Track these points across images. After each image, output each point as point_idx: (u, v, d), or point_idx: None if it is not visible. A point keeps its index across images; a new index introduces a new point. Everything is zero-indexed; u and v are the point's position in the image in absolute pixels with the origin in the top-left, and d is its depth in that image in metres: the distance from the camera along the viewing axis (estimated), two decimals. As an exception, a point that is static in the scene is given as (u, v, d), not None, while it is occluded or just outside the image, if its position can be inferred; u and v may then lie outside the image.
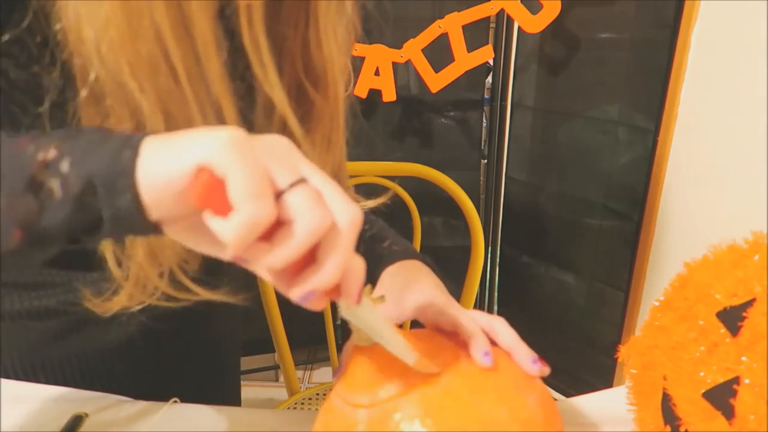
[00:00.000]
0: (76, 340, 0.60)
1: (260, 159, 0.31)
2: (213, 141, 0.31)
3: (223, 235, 0.31)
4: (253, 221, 0.30)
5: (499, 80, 1.56)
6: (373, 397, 0.40)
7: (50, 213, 0.32)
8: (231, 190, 0.30)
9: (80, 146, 0.33)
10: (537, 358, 0.44)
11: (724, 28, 1.12)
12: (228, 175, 0.30)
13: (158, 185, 0.31)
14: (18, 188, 0.32)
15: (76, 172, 0.32)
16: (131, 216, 0.32)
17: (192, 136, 0.32)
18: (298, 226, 0.31)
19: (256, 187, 0.30)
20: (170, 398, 0.58)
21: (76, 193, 0.32)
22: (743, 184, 1.11)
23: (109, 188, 0.32)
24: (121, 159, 0.32)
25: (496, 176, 1.65)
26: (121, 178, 0.31)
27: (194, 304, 0.67)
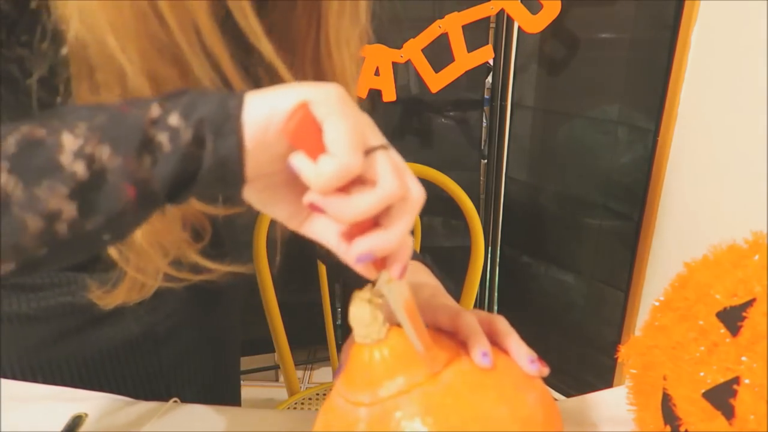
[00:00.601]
0: (76, 341, 0.60)
1: (360, 115, 0.34)
2: (317, 88, 0.33)
3: (311, 175, 0.33)
4: (345, 169, 0.32)
5: (499, 80, 1.56)
6: (373, 395, 0.40)
7: (160, 166, 0.33)
8: (330, 134, 0.32)
9: (185, 101, 0.34)
10: (536, 358, 0.44)
11: (724, 28, 1.12)
12: (329, 120, 0.32)
13: (261, 123, 0.33)
14: (131, 147, 0.33)
15: (185, 122, 0.33)
16: (232, 162, 0.33)
17: (296, 84, 0.34)
18: (382, 186, 0.33)
19: (354, 138, 0.32)
20: (170, 398, 0.58)
21: (187, 140, 0.33)
22: (743, 184, 1.11)
23: (217, 131, 0.33)
24: (227, 105, 0.33)
25: (496, 176, 1.65)
26: (228, 121, 0.33)
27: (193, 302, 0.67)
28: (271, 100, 0.33)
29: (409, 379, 0.40)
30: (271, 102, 0.33)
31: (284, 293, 1.22)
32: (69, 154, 0.32)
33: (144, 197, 0.33)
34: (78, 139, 0.33)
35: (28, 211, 0.32)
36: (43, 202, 0.32)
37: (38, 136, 0.33)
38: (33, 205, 0.32)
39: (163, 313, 0.64)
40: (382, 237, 0.34)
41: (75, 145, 0.32)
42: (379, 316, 0.40)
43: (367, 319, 0.40)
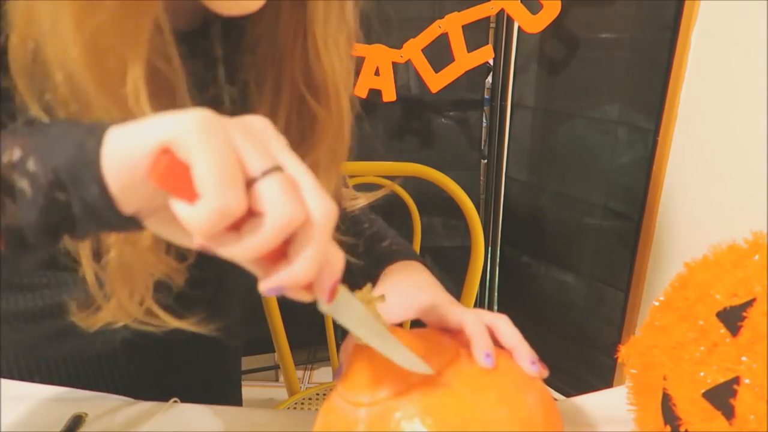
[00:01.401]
0: (75, 341, 0.60)
1: (231, 141, 0.29)
2: (177, 121, 0.29)
3: (188, 222, 0.29)
4: (221, 211, 0.28)
5: (499, 80, 1.56)
6: (373, 396, 0.40)
7: (25, 212, 0.31)
8: (196, 175, 0.28)
9: (44, 142, 0.32)
10: (536, 359, 0.44)
11: (724, 28, 1.12)
12: (193, 159, 0.28)
13: (123, 172, 0.30)
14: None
15: (42, 169, 0.31)
16: (102, 208, 0.31)
17: (157, 119, 0.30)
18: (268, 219, 0.29)
19: (224, 174, 0.28)
20: (170, 398, 0.58)
21: (45, 189, 0.31)
22: (743, 184, 1.11)
23: (75, 181, 0.31)
24: (85, 150, 0.30)
25: (496, 176, 1.65)
26: (87, 169, 0.30)
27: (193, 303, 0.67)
28: (130, 143, 0.30)
29: (408, 380, 0.40)
30: (130, 146, 0.30)
31: (284, 293, 1.22)
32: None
33: (16, 244, 0.32)
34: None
35: None
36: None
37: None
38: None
39: None
40: (288, 271, 0.31)
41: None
42: (379, 317, 0.40)
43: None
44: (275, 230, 0.29)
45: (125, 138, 0.30)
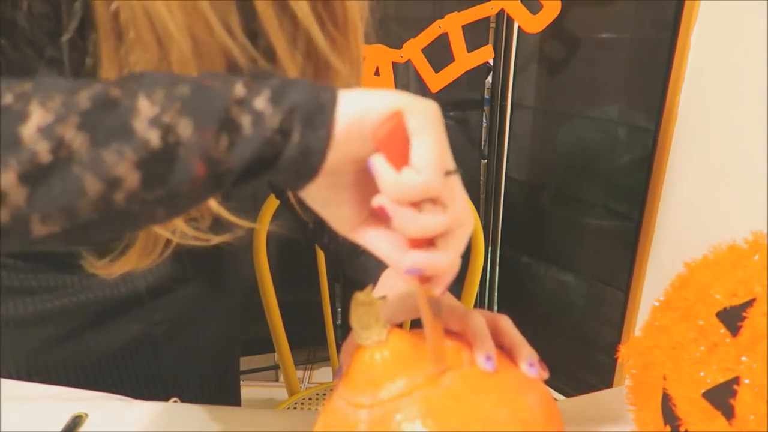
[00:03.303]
0: (74, 344, 0.60)
1: (445, 137, 0.33)
2: (415, 100, 0.33)
3: (390, 182, 0.32)
4: (426, 187, 0.32)
5: (499, 80, 1.56)
6: (374, 397, 0.40)
7: (236, 149, 0.31)
8: (418, 150, 0.32)
9: (274, 84, 0.32)
10: (536, 361, 0.44)
11: (724, 28, 1.12)
12: (420, 137, 0.32)
13: (352, 122, 0.32)
14: (212, 124, 0.31)
15: (273, 108, 0.31)
16: (314, 154, 0.32)
17: (396, 92, 0.33)
18: (454, 211, 0.33)
19: (440, 159, 0.32)
20: (170, 398, 0.58)
21: (273, 127, 0.31)
22: (743, 184, 1.11)
23: (308, 122, 0.31)
24: (320, 97, 0.32)
25: (496, 176, 1.65)
26: (322, 113, 0.32)
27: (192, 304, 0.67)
28: (366, 100, 0.32)
29: (409, 381, 0.40)
30: (365, 103, 0.32)
31: (284, 293, 1.22)
32: (144, 121, 0.30)
33: (212, 177, 0.31)
34: (155, 107, 0.30)
35: (89, 172, 0.29)
36: (108, 167, 0.29)
37: (113, 95, 0.30)
38: (96, 168, 0.29)
39: (161, 316, 0.64)
40: (436, 257, 0.34)
41: (151, 112, 0.30)
42: (380, 318, 0.40)
43: (367, 320, 0.40)
44: (453, 220, 0.33)
45: (360, 97, 0.33)
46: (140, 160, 0.30)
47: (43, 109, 0.29)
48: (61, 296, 0.58)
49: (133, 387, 0.64)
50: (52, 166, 0.29)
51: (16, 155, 0.28)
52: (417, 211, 0.33)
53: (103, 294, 0.59)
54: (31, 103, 0.30)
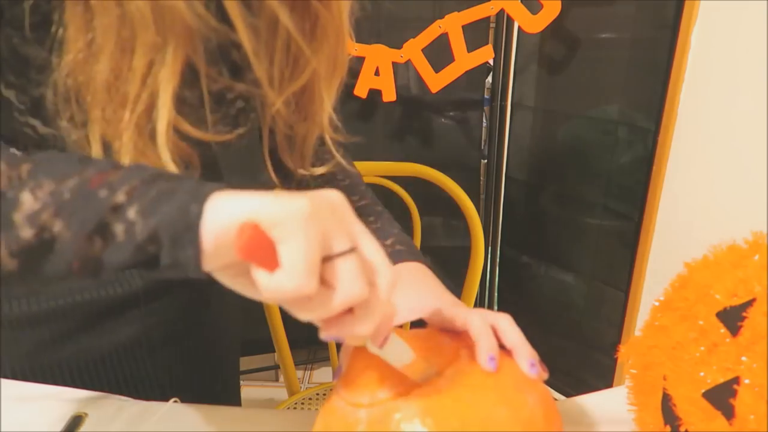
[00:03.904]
0: (71, 345, 0.60)
1: (322, 225, 0.33)
2: (276, 206, 0.32)
3: (264, 290, 0.32)
4: (296, 292, 0.32)
5: (499, 80, 1.56)
6: (373, 396, 0.40)
7: (111, 253, 0.34)
8: (284, 257, 0.32)
9: (150, 195, 0.34)
10: (537, 361, 0.44)
11: (724, 28, 1.12)
12: (284, 244, 0.32)
13: (220, 233, 0.32)
14: (87, 227, 0.33)
15: (143, 222, 0.33)
16: (188, 266, 0.33)
17: (260, 194, 0.33)
18: (338, 294, 0.33)
19: (309, 265, 0.32)
20: (170, 398, 0.58)
21: (140, 241, 0.33)
22: (743, 184, 1.11)
23: (174, 241, 0.33)
24: (189, 214, 0.33)
25: (496, 176, 1.65)
26: (187, 232, 0.33)
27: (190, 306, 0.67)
28: (229, 209, 0.33)
29: (409, 381, 0.40)
30: (228, 211, 0.33)
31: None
32: (23, 216, 0.34)
33: (90, 271, 0.34)
34: (36, 203, 0.34)
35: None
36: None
37: (2, 187, 0.34)
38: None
39: (158, 318, 0.64)
40: (349, 329, 0.35)
41: (31, 209, 0.34)
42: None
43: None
44: (342, 305, 0.33)
45: (226, 206, 0.33)
46: (17, 251, 0.34)
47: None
48: (57, 297, 0.58)
49: (131, 388, 0.64)
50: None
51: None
52: (304, 301, 0.33)
53: (98, 294, 0.59)
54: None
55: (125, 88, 0.42)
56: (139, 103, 0.43)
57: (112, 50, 0.41)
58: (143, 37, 0.41)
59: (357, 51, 1.37)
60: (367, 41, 1.38)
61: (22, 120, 0.46)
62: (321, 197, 0.34)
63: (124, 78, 0.42)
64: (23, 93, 0.45)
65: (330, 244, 0.33)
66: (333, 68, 0.54)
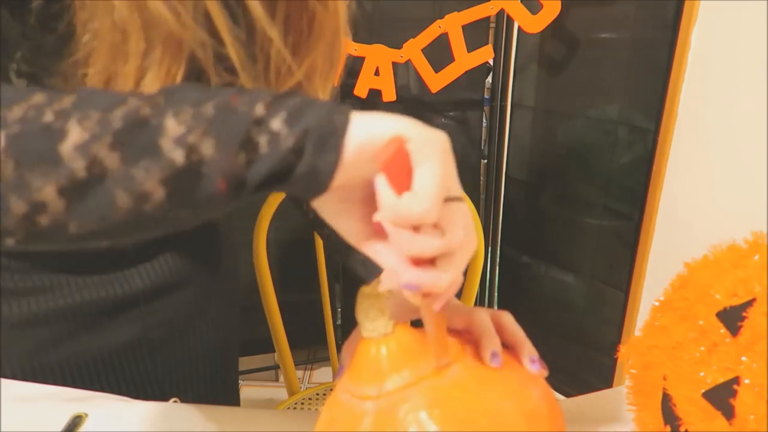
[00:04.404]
0: (71, 346, 0.60)
1: (451, 166, 0.35)
2: (422, 129, 0.34)
3: (388, 207, 0.34)
4: (422, 216, 0.33)
5: (499, 80, 1.56)
6: (380, 388, 0.40)
7: (255, 166, 0.33)
8: (419, 180, 0.33)
9: (292, 105, 0.34)
10: (537, 357, 0.44)
11: (724, 28, 1.12)
12: (423, 166, 0.33)
13: (361, 145, 0.33)
14: (232, 144, 0.33)
15: (288, 129, 0.33)
16: (323, 175, 0.34)
17: (404, 118, 0.34)
18: (450, 237, 0.34)
19: (439, 190, 0.33)
20: (170, 398, 0.58)
21: (284, 150, 0.33)
22: (743, 184, 1.11)
23: (319, 146, 0.33)
24: (333, 120, 0.33)
25: (496, 176, 1.65)
26: (333, 137, 0.33)
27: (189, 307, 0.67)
28: (374, 124, 0.34)
29: (415, 373, 0.40)
30: (373, 126, 0.34)
31: (284, 293, 1.22)
32: (170, 140, 0.33)
33: (232, 191, 0.34)
34: (181, 126, 0.33)
35: (120, 188, 0.33)
36: (137, 183, 0.33)
37: (143, 115, 0.33)
38: (126, 184, 0.33)
39: (158, 318, 0.64)
40: (433, 277, 0.35)
41: (177, 132, 0.33)
42: (385, 311, 0.40)
43: (374, 313, 0.40)
44: (450, 246, 0.35)
45: (370, 121, 0.34)
46: (166, 177, 0.33)
47: (80, 127, 0.33)
48: (57, 297, 0.58)
49: (131, 389, 0.64)
50: (87, 182, 0.32)
51: (56, 171, 0.32)
52: (414, 233, 0.34)
53: (98, 295, 0.59)
54: (70, 122, 0.33)
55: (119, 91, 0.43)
56: None
57: (106, 53, 0.42)
58: (133, 43, 0.42)
59: (357, 51, 1.37)
60: (367, 41, 1.38)
61: None
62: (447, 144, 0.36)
63: (117, 82, 0.43)
64: (35, 82, 0.45)
65: (450, 185, 0.35)
66: (329, 64, 0.54)
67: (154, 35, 0.42)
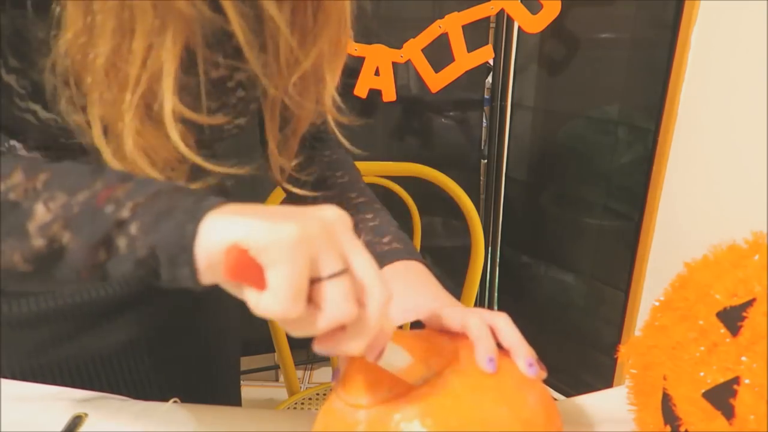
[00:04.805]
0: (69, 346, 0.60)
1: (311, 249, 0.33)
2: (264, 229, 0.33)
3: (254, 309, 0.34)
4: (281, 315, 0.33)
5: (499, 80, 1.56)
6: (373, 397, 0.40)
7: (114, 264, 0.36)
8: (271, 281, 0.32)
9: (151, 212, 0.36)
10: (535, 360, 0.44)
11: (724, 28, 1.12)
12: (272, 268, 0.32)
13: (208, 257, 0.34)
14: (93, 240, 0.36)
15: (143, 240, 0.35)
16: (186, 282, 0.35)
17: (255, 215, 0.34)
18: (324, 316, 0.34)
19: (294, 291, 0.32)
20: (170, 398, 0.58)
21: (140, 257, 0.35)
22: (743, 184, 1.11)
23: (171, 261, 0.35)
24: (184, 234, 0.34)
25: (496, 176, 1.65)
26: (183, 253, 0.34)
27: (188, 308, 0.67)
28: (220, 232, 0.34)
29: (408, 381, 0.40)
30: (219, 234, 0.34)
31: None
32: (35, 226, 0.37)
33: (98, 276, 0.37)
34: (48, 214, 0.36)
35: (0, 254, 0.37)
36: (7, 256, 0.37)
37: (15, 199, 0.37)
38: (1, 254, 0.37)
39: (158, 318, 0.64)
40: (342, 346, 0.36)
41: (43, 220, 0.36)
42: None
43: None
44: (327, 326, 0.34)
45: (215, 227, 0.34)
46: (29, 258, 0.37)
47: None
48: (57, 297, 0.58)
49: (131, 388, 0.64)
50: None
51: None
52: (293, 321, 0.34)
53: (98, 294, 0.59)
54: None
55: (126, 71, 0.43)
56: (139, 85, 0.43)
57: (112, 32, 0.42)
58: (142, 20, 0.42)
59: (357, 51, 1.37)
60: (367, 41, 1.38)
61: (22, 106, 0.46)
62: (315, 218, 0.35)
63: (124, 60, 0.43)
64: (24, 77, 0.45)
65: (319, 266, 0.34)
66: (336, 50, 0.54)
67: (165, 11, 0.42)
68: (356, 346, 0.35)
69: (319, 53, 0.52)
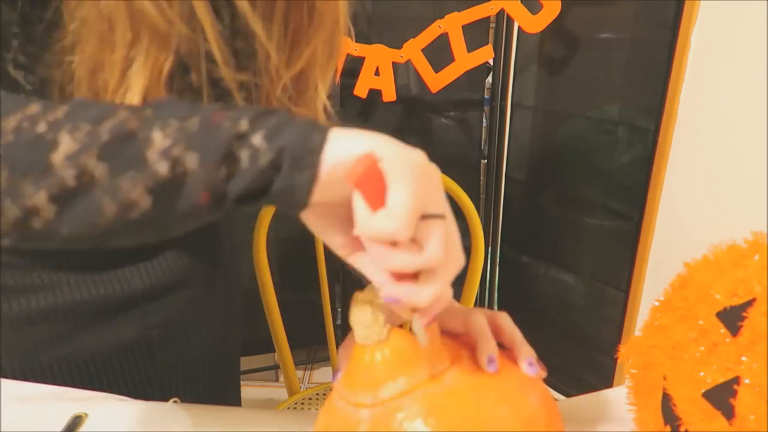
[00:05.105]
0: (70, 345, 0.60)
1: (428, 182, 0.35)
2: (398, 147, 0.35)
3: (360, 224, 0.34)
4: (393, 236, 0.33)
5: (499, 80, 1.56)
6: (375, 396, 0.40)
7: (235, 180, 0.35)
8: (392, 198, 0.33)
9: (272, 122, 0.35)
10: (535, 360, 0.44)
11: (724, 28, 1.12)
12: (396, 185, 0.33)
13: (337, 163, 0.34)
14: (214, 158, 0.35)
15: (268, 145, 0.35)
16: (300, 192, 0.35)
17: (380, 136, 0.35)
18: (425, 254, 0.35)
19: (413, 210, 0.33)
20: (170, 398, 0.58)
21: (263, 166, 0.35)
22: (743, 184, 1.11)
23: (295, 164, 0.34)
24: (312, 139, 0.35)
25: (496, 176, 1.65)
26: (310, 155, 0.34)
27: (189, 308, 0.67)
28: (350, 142, 0.35)
29: (410, 380, 0.40)
30: (348, 144, 0.34)
31: (284, 293, 1.22)
32: (156, 152, 0.35)
33: (214, 203, 0.35)
34: (167, 139, 0.35)
35: (107, 197, 0.34)
36: (123, 192, 0.34)
37: (131, 128, 0.35)
38: (113, 193, 0.34)
39: (157, 318, 0.64)
40: (413, 292, 0.36)
41: (163, 145, 0.35)
42: (380, 317, 0.40)
43: (368, 320, 0.40)
44: (424, 262, 0.35)
45: (347, 139, 0.35)
46: (151, 187, 0.35)
47: (70, 138, 0.34)
48: (57, 295, 0.58)
49: (131, 389, 0.64)
50: (76, 190, 0.34)
51: (47, 179, 0.34)
52: (390, 248, 0.35)
53: (98, 293, 0.59)
54: (61, 133, 0.35)
55: (104, 79, 0.44)
56: (117, 96, 0.44)
57: (93, 41, 0.42)
58: (119, 33, 0.42)
59: (357, 51, 1.37)
60: (367, 41, 1.38)
61: None
62: (428, 161, 0.36)
63: (105, 70, 0.43)
64: (31, 73, 0.45)
65: (427, 202, 0.35)
66: (329, 54, 0.54)
67: (140, 27, 0.43)
68: (426, 295, 0.35)
69: (312, 56, 0.52)
